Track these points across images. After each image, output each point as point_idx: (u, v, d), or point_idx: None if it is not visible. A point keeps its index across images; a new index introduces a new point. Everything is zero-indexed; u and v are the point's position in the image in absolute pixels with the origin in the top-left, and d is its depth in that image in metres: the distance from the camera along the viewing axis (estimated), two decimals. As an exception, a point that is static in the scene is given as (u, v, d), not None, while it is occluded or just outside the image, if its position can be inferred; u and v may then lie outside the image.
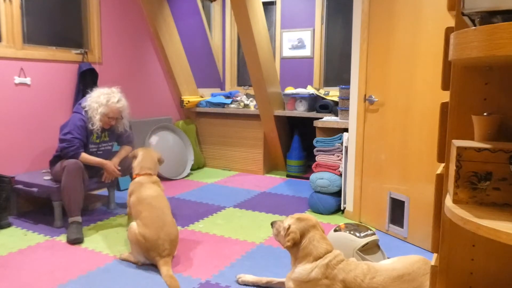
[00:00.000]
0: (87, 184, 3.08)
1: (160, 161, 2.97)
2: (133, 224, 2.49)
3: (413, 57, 2.75)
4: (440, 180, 1.34)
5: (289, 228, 1.96)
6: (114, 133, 3.30)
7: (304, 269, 1.89)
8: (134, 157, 2.91)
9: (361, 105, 3.21)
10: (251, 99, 5.05)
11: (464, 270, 1.33)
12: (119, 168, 3.24)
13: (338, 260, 1.89)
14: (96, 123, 3.05)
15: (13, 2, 3.33)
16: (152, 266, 2.46)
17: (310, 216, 2.04)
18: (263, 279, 2.24)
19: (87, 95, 3.16)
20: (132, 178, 2.86)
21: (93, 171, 3.21)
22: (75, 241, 2.80)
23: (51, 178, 3.20)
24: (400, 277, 1.83)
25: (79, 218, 2.93)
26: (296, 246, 1.94)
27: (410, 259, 1.95)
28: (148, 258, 2.44)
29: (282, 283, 2.16)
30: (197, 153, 5.11)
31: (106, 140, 3.26)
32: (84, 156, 3.03)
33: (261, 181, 4.63)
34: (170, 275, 2.30)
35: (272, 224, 2.10)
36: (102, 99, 3.06)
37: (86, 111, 3.08)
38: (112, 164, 3.17)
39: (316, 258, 1.89)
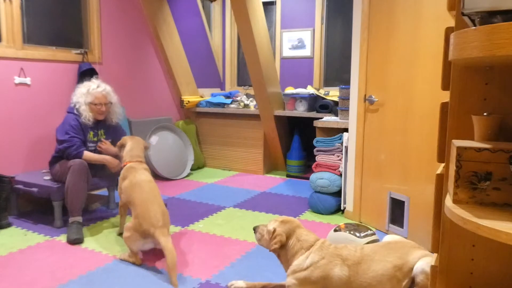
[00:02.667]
0: (90, 184, 3.08)
1: (146, 148, 3.02)
2: (128, 223, 2.55)
3: (413, 57, 2.75)
4: (440, 180, 1.34)
5: (274, 231, 2.02)
6: (110, 129, 3.29)
7: (300, 260, 1.95)
8: (123, 145, 2.95)
9: (361, 105, 3.21)
10: (251, 99, 5.05)
11: (464, 270, 1.33)
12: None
13: (329, 243, 2.01)
14: (85, 114, 3.08)
15: (13, 2, 3.33)
16: (151, 266, 2.46)
17: (293, 218, 2.11)
18: (258, 284, 2.19)
19: (72, 95, 3.20)
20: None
21: (94, 170, 3.20)
22: (75, 241, 2.80)
23: (51, 178, 3.20)
24: (387, 244, 1.98)
25: (80, 218, 2.93)
26: (283, 248, 2.00)
27: (401, 238, 2.11)
28: (144, 234, 2.43)
29: (280, 286, 2.16)
30: (197, 153, 5.11)
31: (102, 139, 3.26)
32: (87, 154, 3.03)
33: (261, 181, 4.63)
34: (170, 248, 2.32)
35: (255, 229, 2.13)
36: (83, 90, 3.13)
37: (77, 109, 3.11)
38: (114, 160, 3.13)
39: (308, 248, 1.97)
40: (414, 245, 1.97)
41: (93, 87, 3.13)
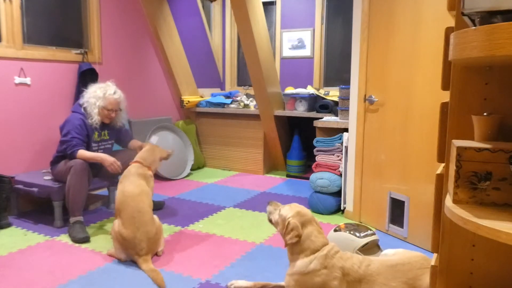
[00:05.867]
0: (91, 184, 3.08)
1: (162, 158, 3.00)
2: (116, 222, 2.57)
3: (413, 57, 2.75)
4: (440, 180, 1.34)
5: (289, 224, 1.95)
6: (114, 130, 3.30)
7: (303, 262, 1.91)
8: (140, 148, 3.05)
9: (361, 105, 3.21)
10: (251, 99, 5.05)
11: (464, 270, 1.33)
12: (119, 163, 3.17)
13: (335, 251, 1.93)
14: (95, 117, 3.07)
15: (13, 2, 3.33)
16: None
17: (307, 210, 2.05)
18: (258, 283, 2.18)
19: (84, 92, 3.18)
20: None
21: (95, 170, 3.20)
22: (84, 240, 2.80)
23: (52, 178, 3.20)
24: (394, 266, 1.86)
25: (81, 218, 2.94)
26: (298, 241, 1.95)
27: (410, 253, 1.98)
28: (127, 255, 2.52)
29: (279, 286, 2.16)
30: (197, 153, 5.11)
31: (106, 139, 3.27)
32: (81, 153, 2.97)
33: (261, 181, 4.63)
34: (152, 269, 2.36)
35: (269, 202, 2.12)
36: (98, 93, 3.10)
37: (85, 108, 3.10)
38: (109, 158, 3.01)
39: (314, 251, 1.92)
40: (422, 266, 1.86)
41: (110, 93, 3.11)
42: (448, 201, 1.13)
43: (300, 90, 4.69)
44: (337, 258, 1.89)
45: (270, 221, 2.10)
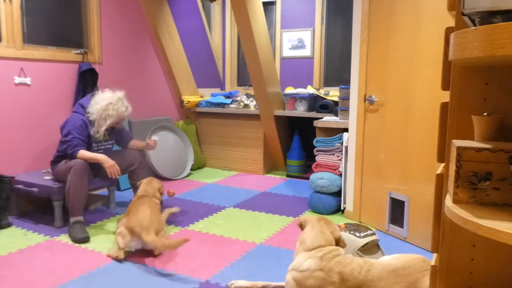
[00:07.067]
0: (91, 184, 3.09)
1: (160, 191, 3.11)
2: (122, 217, 2.71)
3: (413, 57, 2.75)
4: (440, 180, 1.34)
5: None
6: (115, 131, 3.32)
7: (299, 257, 1.91)
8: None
9: (361, 105, 3.21)
10: (251, 99, 5.05)
11: (464, 270, 1.33)
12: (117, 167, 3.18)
13: (334, 254, 1.89)
14: (101, 132, 3.10)
15: (13, 2, 3.33)
16: (153, 267, 2.46)
17: (330, 220, 2.11)
18: (258, 283, 2.18)
19: (92, 100, 3.13)
20: (131, 184, 3.28)
21: (95, 171, 3.20)
22: (83, 240, 2.81)
23: (52, 178, 3.20)
24: (395, 271, 1.84)
25: (81, 218, 2.94)
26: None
27: (408, 256, 1.96)
28: (132, 237, 2.57)
29: (279, 287, 2.15)
30: (197, 153, 5.11)
31: (107, 139, 3.27)
32: (81, 153, 2.98)
33: (261, 181, 4.63)
34: (155, 240, 2.50)
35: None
36: (111, 112, 3.08)
37: (89, 116, 3.08)
38: (109, 159, 3.01)
39: (309, 248, 1.91)
40: (422, 268, 1.85)
41: (122, 110, 3.14)
42: (448, 201, 1.13)
43: (300, 90, 4.69)
44: (335, 262, 1.85)
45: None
